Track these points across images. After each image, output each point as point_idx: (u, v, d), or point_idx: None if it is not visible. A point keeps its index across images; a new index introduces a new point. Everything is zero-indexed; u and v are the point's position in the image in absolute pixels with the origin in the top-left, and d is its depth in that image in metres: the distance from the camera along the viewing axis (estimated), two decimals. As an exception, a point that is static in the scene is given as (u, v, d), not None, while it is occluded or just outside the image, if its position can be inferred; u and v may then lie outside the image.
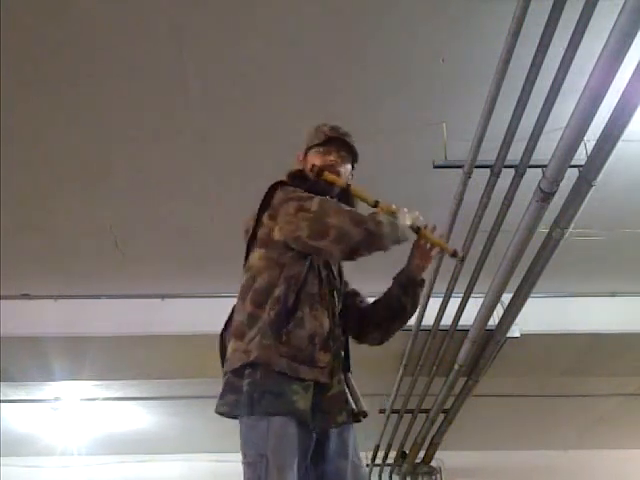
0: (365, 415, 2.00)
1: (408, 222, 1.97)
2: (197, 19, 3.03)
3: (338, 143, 2.20)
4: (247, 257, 2.10)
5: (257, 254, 2.03)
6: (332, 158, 2.17)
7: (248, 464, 1.80)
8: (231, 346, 1.94)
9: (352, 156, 2.22)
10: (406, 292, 2.14)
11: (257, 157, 3.87)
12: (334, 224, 1.85)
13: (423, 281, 2.15)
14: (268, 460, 1.75)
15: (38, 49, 3.11)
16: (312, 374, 1.88)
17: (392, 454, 6.90)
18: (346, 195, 2.11)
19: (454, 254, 2.08)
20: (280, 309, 1.89)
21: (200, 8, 2.97)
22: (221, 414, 1.95)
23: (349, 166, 2.21)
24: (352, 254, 1.89)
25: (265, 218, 2.04)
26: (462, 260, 2.12)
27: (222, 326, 2.11)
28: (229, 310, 2.18)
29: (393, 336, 2.18)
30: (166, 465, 7.94)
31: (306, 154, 2.24)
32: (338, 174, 2.14)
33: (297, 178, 2.15)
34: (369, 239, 1.87)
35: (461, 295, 4.27)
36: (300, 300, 1.93)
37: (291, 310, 1.90)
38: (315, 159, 2.18)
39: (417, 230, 2.02)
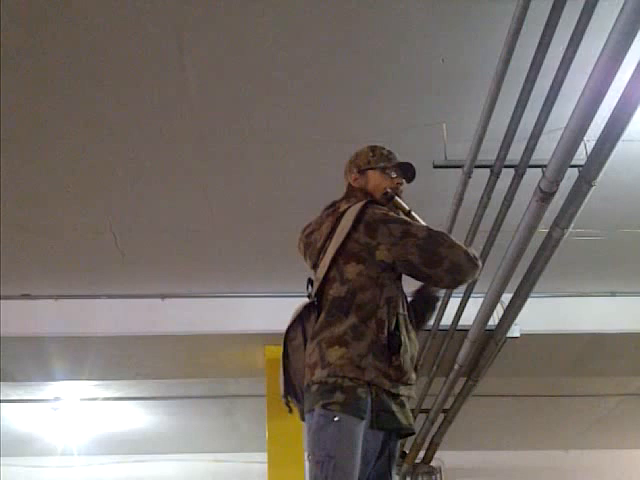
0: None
1: None
2: (197, 19, 3.03)
3: (399, 168, 2.35)
4: (316, 266, 2.20)
5: (354, 269, 2.10)
6: (399, 182, 2.33)
7: (316, 462, 1.90)
8: (335, 351, 2.00)
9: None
10: (428, 306, 2.31)
11: (257, 157, 3.87)
12: (448, 255, 2.03)
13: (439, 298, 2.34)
14: (336, 461, 1.88)
15: (38, 49, 3.11)
16: (407, 391, 2.06)
17: (392, 454, 6.90)
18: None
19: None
20: (390, 334, 2.03)
21: (200, 8, 2.97)
22: (330, 411, 1.96)
23: None
24: (459, 284, 2.13)
25: (359, 234, 2.10)
26: None
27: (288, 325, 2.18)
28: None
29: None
30: (165, 465, 7.95)
31: (363, 172, 2.33)
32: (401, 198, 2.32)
33: (361, 196, 2.26)
34: (474, 272, 2.10)
35: (461, 295, 4.27)
36: (399, 322, 2.06)
37: (394, 334, 2.04)
38: (383, 181, 2.31)
39: None
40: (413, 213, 2.24)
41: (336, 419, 1.90)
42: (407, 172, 2.35)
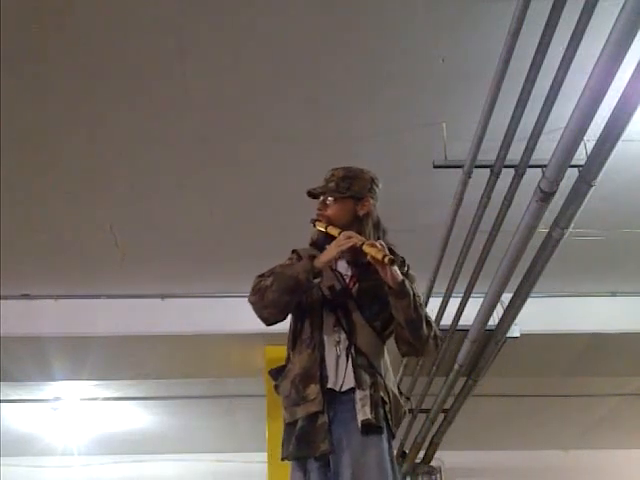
0: None
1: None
2: (197, 19, 3.03)
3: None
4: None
5: None
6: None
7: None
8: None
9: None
10: (390, 302, 2.15)
11: (257, 157, 3.87)
12: None
13: (392, 289, 2.09)
14: None
15: (38, 49, 3.11)
16: (305, 410, 2.16)
17: (392, 454, 6.89)
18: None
19: (382, 261, 2.01)
20: None
21: (200, 8, 2.97)
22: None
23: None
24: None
25: None
26: (392, 264, 2.02)
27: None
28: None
29: (419, 344, 2.21)
30: (166, 465, 7.95)
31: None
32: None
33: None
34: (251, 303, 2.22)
35: (461, 295, 4.27)
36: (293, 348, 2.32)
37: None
38: None
39: (360, 247, 2.07)
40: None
41: None
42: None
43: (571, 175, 2.79)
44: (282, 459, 2.12)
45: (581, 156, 2.80)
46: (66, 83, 3.31)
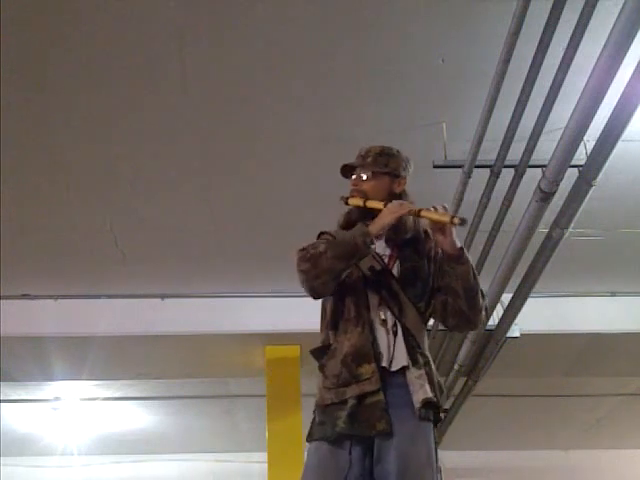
0: None
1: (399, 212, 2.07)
2: (197, 19, 3.03)
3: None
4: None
5: None
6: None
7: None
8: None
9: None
10: (447, 271, 2.10)
11: (257, 157, 3.87)
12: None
13: (452, 255, 2.04)
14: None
15: (38, 49, 3.11)
16: (357, 390, 2.09)
17: (392, 454, 6.89)
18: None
19: (452, 222, 1.97)
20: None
21: (200, 8, 2.97)
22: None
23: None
24: (305, 288, 2.12)
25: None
26: (462, 224, 1.97)
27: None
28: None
29: (473, 314, 2.09)
30: (166, 465, 7.96)
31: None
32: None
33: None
34: (300, 270, 2.08)
35: (461, 295, 4.26)
36: (335, 330, 2.21)
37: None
38: None
39: (417, 213, 2.06)
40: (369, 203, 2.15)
41: None
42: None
43: (571, 175, 2.80)
44: (320, 439, 2.05)
45: (581, 156, 2.80)
46: (66, 83, 3.31)
